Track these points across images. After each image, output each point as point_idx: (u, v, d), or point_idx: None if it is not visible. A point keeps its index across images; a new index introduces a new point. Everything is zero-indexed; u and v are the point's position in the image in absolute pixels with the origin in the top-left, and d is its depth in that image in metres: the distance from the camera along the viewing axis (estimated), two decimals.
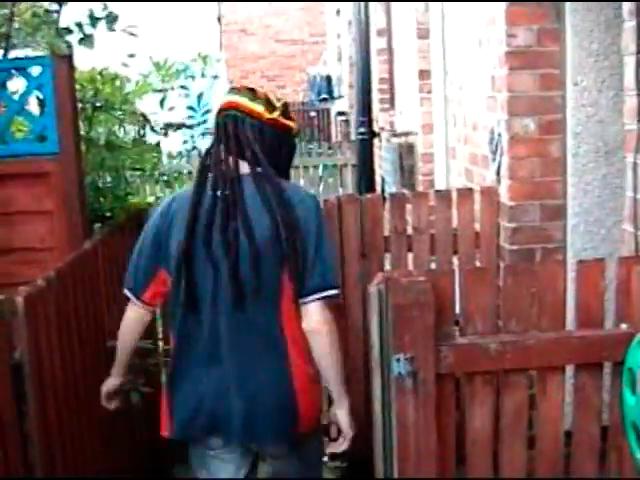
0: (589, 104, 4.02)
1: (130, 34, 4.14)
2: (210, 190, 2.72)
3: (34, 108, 3.93)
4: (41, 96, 3.81)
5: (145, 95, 4.65)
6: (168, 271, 2.78)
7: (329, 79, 17.39)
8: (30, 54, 4.25)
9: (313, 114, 19.62)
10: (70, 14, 4.07)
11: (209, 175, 2.76)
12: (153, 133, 4.70)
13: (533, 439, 2.58)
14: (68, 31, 3.86)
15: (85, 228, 3.83)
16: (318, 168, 11.76)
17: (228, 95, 2.89)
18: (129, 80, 4.61)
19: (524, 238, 4.12)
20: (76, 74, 4.02)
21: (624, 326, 2.48)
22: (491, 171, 4.40)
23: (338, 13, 14.91)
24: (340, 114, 15.42)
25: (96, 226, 4.12)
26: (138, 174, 4.67)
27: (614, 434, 2.54)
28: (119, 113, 4.50)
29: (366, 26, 7.62)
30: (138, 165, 4.54)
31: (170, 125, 4.72)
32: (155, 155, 4.79)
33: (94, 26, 3.88)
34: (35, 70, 3.77)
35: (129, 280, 2.86)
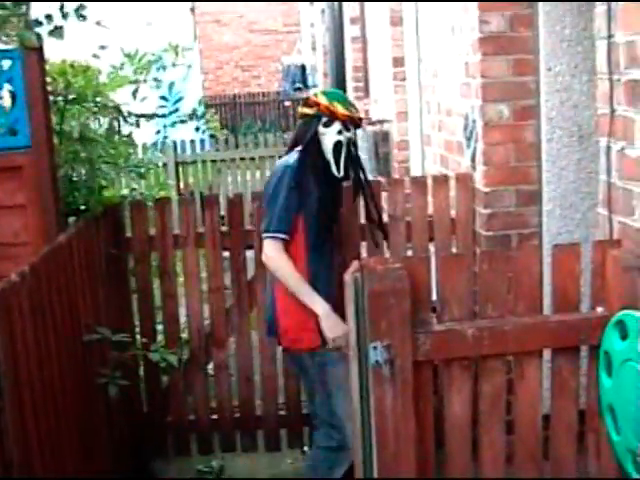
0: (563, 89, 4.03)
1: (97, 23, 4.09)
2: None
3: (7, 102, 3.89)
4: (12, 89, 3.77)
5: (120, 88, 4.62)
6: None
7: (303, 68, 17.37)
8: None
9: (288, 104, 19.61)
10: (39, 6, 4.02)
11: None
12: (126, 124, 4.66)
13: (512, 423, 2.59)
14: (38, 23, 3.81)
15: (59, 222, 3.80)
16: None
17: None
18: (100, 72, 4.57)
19: (500, 224, 4.14)
20: (47, 66, 3.98)
21: (600, 309, 2.49)
22: (466, 157, 4.40)
23: (312, 2, 14.86)
24: None
25: (71, 220, 4.09)
26: (112, 166, 4.63)
27: (591, 417, 2.56)
28: (92, 105, 4.46)
29: (339, 14, 7.61)
30: (112, 158, 4.50)
31: (142, 115, 4.68)
32: (129, 147, 4.76)
33: (65, 17, 3.83)
34: (5, 63, 3.73)
35: None
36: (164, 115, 5.12)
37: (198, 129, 11.84)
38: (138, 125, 4.67)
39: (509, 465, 2.61)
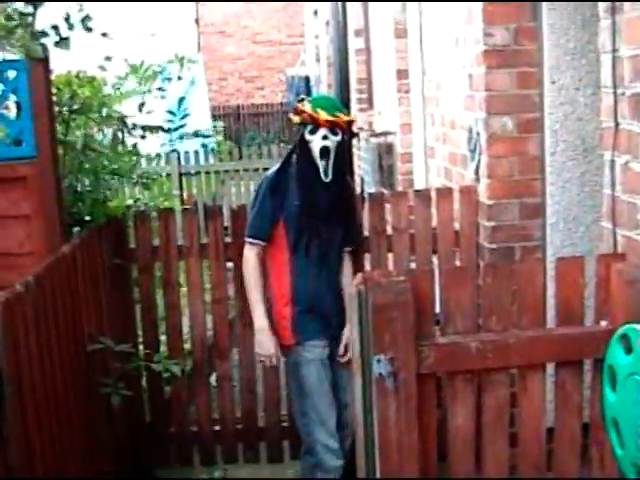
0: (567, 102, 4.03)
1: (103, 35, 4.10)
2: None
3: (12, 112, 3.90)
4: (17, 100, 3.78)
5: (126, 99, 4.63)
6: None
7: (307, 80, 17.38)
8: (5, 57, 4.20)
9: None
10: (45, 16, 4.03)
11: None
12: (131, 136, 4.67)
13: (515, 436, 2.58)
14: (43, 34, 3.82)
15: (63, 232, 3.81)
16: None
17: None
18: (106, 83, 4.58)
19: (503, 236, 4.13)
20: (52, 77, 3.99)
21: (604, 323, 2.49)
22: (470, 170, 4.40)
23: (316, 14, 14.90)
24: None
25: (75, 230, 4.09)
26: (116, 177, 4.65)
27: (595, 430, 2.55)
28: (97, 116, 4.47)
29: (344, 26, 7.60)
30: (116, 169, 4.51)
31: (147, 127, 4.69)
32: (133, 158, 4.77)
33: (71, 28, 3.85)
34: (10, 74, 3.74)
35: None
36: (169, 130, 5.15)
37: (205, 146, 11.82)
38: (144, 137, 4.68)
39: (512, 478, 2.61)
